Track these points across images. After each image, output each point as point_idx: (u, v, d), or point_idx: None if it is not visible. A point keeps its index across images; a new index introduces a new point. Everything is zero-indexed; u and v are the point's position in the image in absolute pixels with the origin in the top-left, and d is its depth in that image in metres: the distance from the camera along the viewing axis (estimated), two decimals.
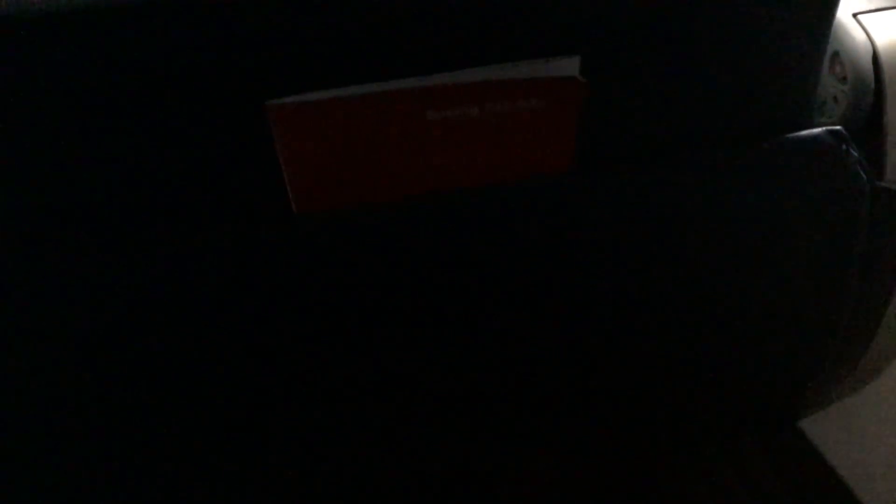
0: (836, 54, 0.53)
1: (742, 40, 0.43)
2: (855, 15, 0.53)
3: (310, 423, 0.49)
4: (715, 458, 0.89)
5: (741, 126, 0.47)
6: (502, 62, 0.40)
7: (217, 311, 0.42)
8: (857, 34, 0.52)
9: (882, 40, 0.51)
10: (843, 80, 0.53)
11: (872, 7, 0.54)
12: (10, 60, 0.34)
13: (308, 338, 0.45)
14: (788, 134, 0.47)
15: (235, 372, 0.45)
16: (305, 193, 0.41)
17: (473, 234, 0.44)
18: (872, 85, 0.51)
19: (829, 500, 0.84)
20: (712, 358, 0.56)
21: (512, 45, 0.40)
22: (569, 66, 0.40)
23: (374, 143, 0.40)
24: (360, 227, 0.42)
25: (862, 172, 0.48)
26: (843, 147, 0.47)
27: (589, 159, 0.45)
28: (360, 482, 0.54)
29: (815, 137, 0.47)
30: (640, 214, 0.47)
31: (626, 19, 0.41)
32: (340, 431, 0.50)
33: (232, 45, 0.36)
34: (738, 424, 0.69)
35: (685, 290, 0.51)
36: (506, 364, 0.51)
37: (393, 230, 0.43)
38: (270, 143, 0.39)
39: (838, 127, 0.47)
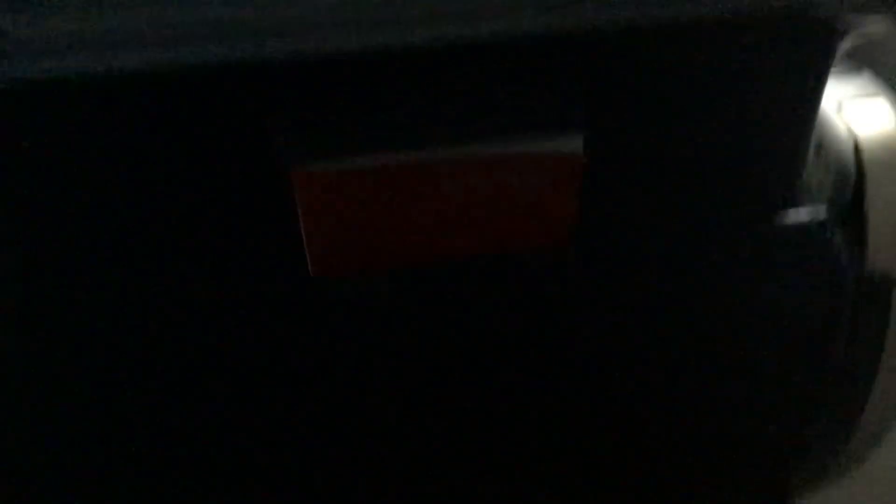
0: (819, 145, 0.56)
1: (731, 129, 0.46)
2: (838, 104, 0.57)
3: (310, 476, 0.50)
4: None
5: (727, 211, 0.50)
6: (511, 138, 0.42)
7: (226, 368, 0.44)
8: (840, 124, 0.55)
9: (863, 130, 0.54)
10: (827, 168, 0.56)
11: (853, 94, 0.57)
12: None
13: (314, 394, 0.46)
14: (773, 220, 0.50)
15: (240, 430, 0.46)
16: (322, 257, 0.43)
17: (477, 302, 0.46)
18: (854, 174, 0.54)
19: None
20: (698, 439, 0.57)
21: (520, 122, 0.42)
22: (572, 144, 0.43)
23: (389, 211, 0.43)
24: (370, 293, 0.44)
25: (844, 259, 0.50)
26: (827, 234, 0.50)
27: (587, 233, 0.47)
28: None
29: (799, 224, 0.50)
30: (633, 291, 0.49)
31: (626, 102, 0.44)
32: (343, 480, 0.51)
33: (259, 110, 0.39)
34: None
35: (670, 369, 0.53)
36: (498, 427, 0.52)
37: (403, 296, 0.45)
38: (291, 205, 0.41)
39: (823, 215, 0.50)
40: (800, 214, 0.50)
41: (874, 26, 0.46)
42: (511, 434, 0.53)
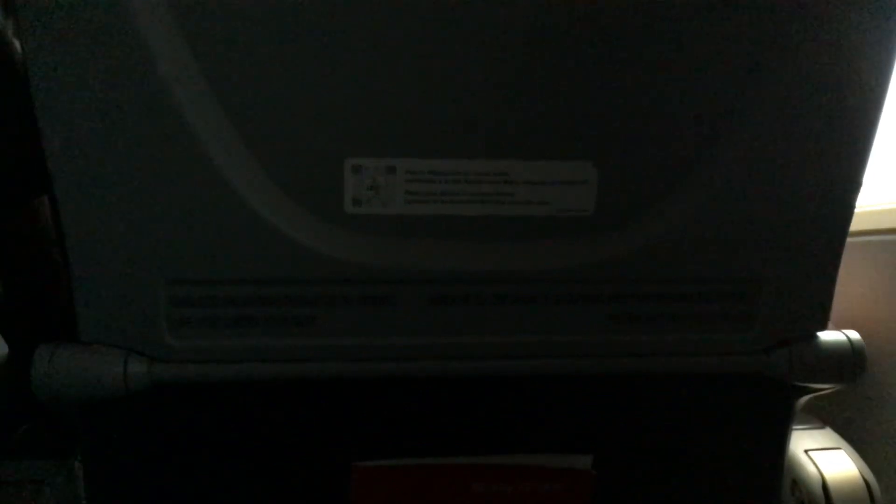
0: (794, 482, 0.65)
1: (710, 458, 0.56)
2: (806, 451, 0.67)
3: None
4: None
5: None
6: (534, 452, 0.52)
7: None
8: (810, 467, 0.65)
9: (829, 472, 0.64)
10: (802, 503, 0.64)
11: (818, 446, 0.68)
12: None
13: None
14: None
15: None
16: None
17: None
18: None
19: None
20: None
21: (542, 440, 0.53)
22: (583, 461, 0.52)
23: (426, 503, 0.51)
24: None
25: None
26: None
27: None
28: None
29: None
30: None
31: (626, 432, 0.54)
32: None
33: (330, 418, 0.50)
34: None
35: None
36: None
37: None
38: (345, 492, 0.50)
39: None
40: None
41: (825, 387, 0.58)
42: None
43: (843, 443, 0.69)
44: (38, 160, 0.42)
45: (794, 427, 0.61)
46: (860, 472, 0.65)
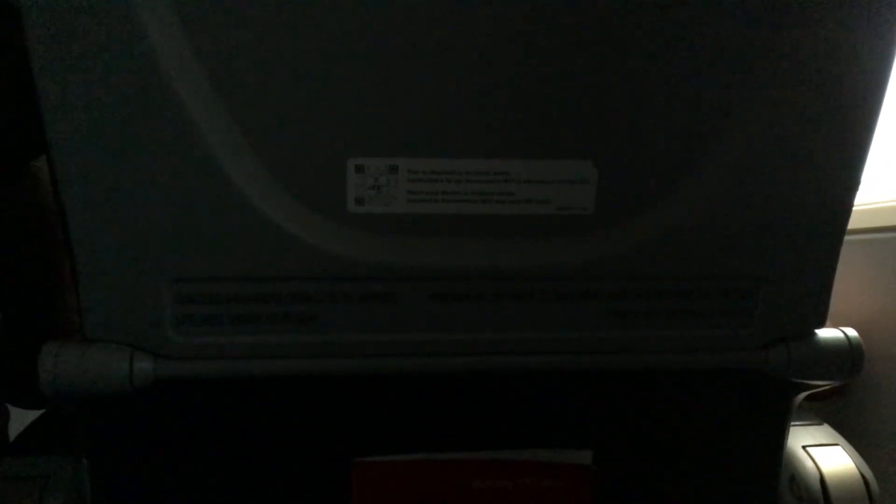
0: (792, 478, 0.66)
1: (710, 454, 0.57)
2: (804, 447, 0.67)
3: None
4: None
5: None
6: (534, 448, 0.53)
7: None
8: (807, 462, 0.66)
9: (826, 468, 0.64)
10: (800, 499, 0.64)
11: (816, 442, 0.68)
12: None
13: None
14: None
15: None
16: None
17: None
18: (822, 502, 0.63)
19: None
20: None
21: (543, 436, 0.53)
22: (583, 456, 0.53)
23: (429, 501, 0.51)
24: None
25: None
26: None
27: None
28: None
29: None
30: None
31: (625, 427, 0.55)
32: None
33: (332, 414, 0.51)
34: None
35: None
36: None
37: None
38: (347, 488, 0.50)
39: None
40: None
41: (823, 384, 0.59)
42: None
43: (840, 439, 0.69)
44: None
45: (792, 423, 0.62)
46: (858, 468, 0.65)
